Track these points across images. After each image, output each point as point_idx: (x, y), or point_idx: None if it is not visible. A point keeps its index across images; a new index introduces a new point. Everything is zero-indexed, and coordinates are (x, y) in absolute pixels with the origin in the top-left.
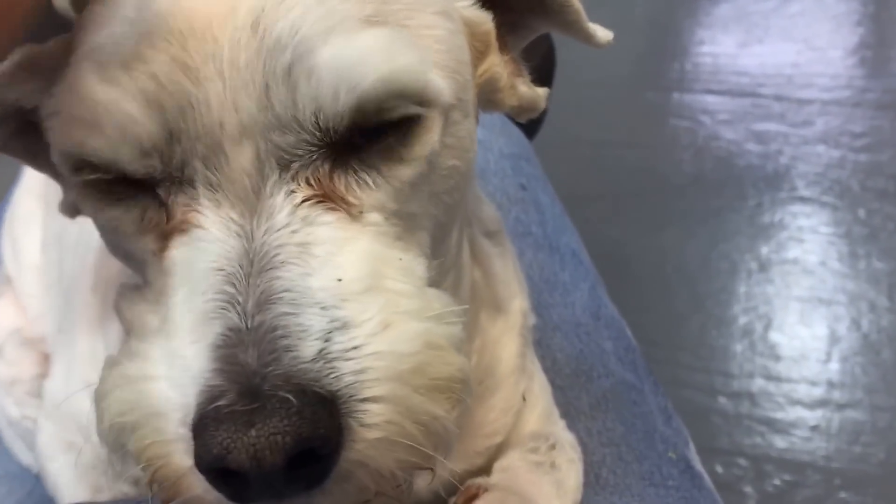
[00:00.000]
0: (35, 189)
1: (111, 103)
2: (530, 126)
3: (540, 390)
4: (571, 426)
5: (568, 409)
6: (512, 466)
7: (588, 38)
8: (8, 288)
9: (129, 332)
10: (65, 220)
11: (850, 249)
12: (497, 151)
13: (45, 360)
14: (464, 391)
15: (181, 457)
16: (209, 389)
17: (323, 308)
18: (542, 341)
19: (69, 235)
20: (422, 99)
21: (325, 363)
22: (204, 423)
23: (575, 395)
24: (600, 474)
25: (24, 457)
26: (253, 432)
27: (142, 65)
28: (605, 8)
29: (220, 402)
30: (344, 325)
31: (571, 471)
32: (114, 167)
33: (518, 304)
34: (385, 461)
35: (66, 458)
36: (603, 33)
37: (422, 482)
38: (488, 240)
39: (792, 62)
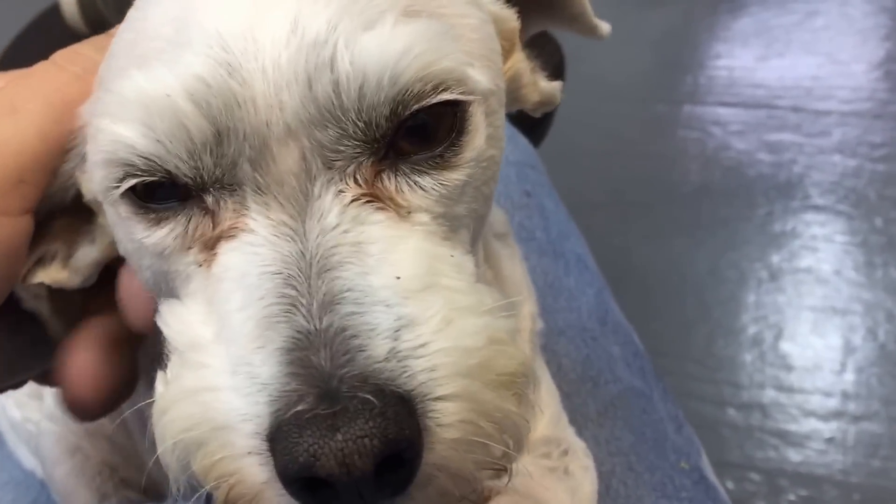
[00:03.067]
0: None
1: (161, 101)
2: (536, 134)
3: (548, 396)
4: (579, 434)
5: (574, 416)
6: (524, 471)
7: (591, 31)
8: None
9: (179, 345)
10: None
11: (866, 259)
12: (503, 159)
13: None
14: (526, 385)
15: (256, 470)
16: (286, 395)
17: (387, 306)
18: (548, 346)
19: None
20: (463, 88)
21: (397, 362)
22: (285, 431)
23: (581, 401)
24: (610, 485)
25: (28, 462)
26: (339, 436)
27: (186, 68)
28: (617, 25)
29: (300, 407)
30: (410, 323)
31: (586, 478)
32: (160, 169)
33: (527, 308)
34: (464, 462)
35: (72, 462)
36: (605, 25)
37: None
38: (498, 241)
39: (812, 75)
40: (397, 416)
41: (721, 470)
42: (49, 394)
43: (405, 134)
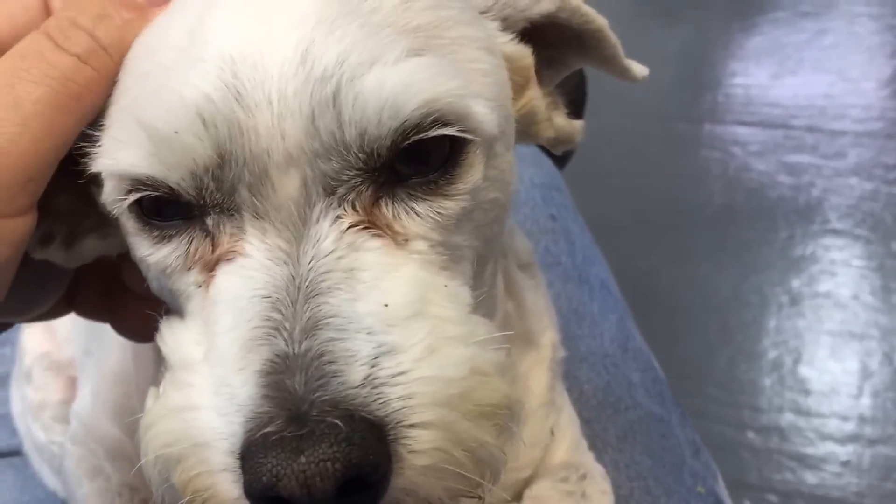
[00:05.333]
0: None
1: (167, 118)
2: (561, 157)
3: (568, 423)
4: (599, 459)
5: (594, 442)
6: (542, 495)
7: (623, 73)
8: None
9: (173, 363)
10: None
11: (882, 283)
12: (528, 182)
13: (72, 384)
14: (509, 418)
15: (228, 486)
16: (257, 416)
17: (370, 333)
18: (570, 373)
19: None
20: (464, 126)
21: (372, 388)
22: (252, 451)
23: (602, 427)
24: None
25: (51, 482)
26: (303, 459)
27: (196, 89)
28: (639, 40)
29: (268, 429)
30: (391, 350)
31: (603, 502)
32: (163, 185)
33: (548, 337)
34: (434, 489)
35: (92, 484)
36: (639, 68)
37: None
38: (522, 272)
39: (825, 93)
40: (364, 441)
41: (740, 491)
42: (74, 416)
43: (402, 157)
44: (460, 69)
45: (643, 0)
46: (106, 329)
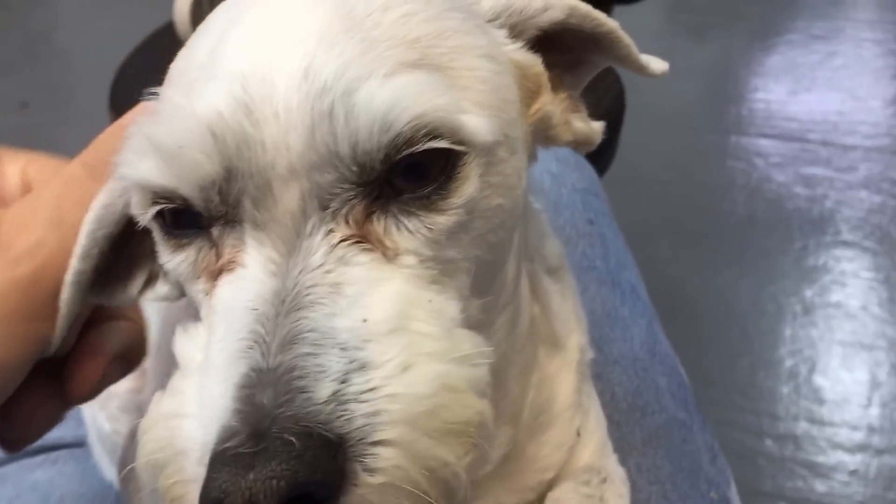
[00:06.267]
0: None
1: (177, 134)
2: (601, 163)
3: (595, 425)
4: (623, 462)
5: (621, 445)
6: (563, 498)
7: (642, 69)
8: None
9: (179, 368)
10: None
11: (889, 295)
12: (570, 186)
13: (143, 373)
14: (480, 435)
15: (195, 497)
16: (224, 430)
17: (343, 349)
18: (602, 375)
19: None
20: (456, 137)
21: (337, 405)
22: (212, 465)
23: (629, 430)
24: None
25: (108, 473)
26: (251, 476)
27: (208, 104)
28: (670, 56)
29: (228, 444)
30: (362, 367)
31: None
32: (178, 196)
33: (575, 340)
34: None
35: None
36: (657, 64)
37: None
38: (549, 276)
39: (837, 110)
40: (315, 458)
41: (753, 498)
42: (141, 411)
43: (400, 172)
44: (454, 80)
45: (674, 19)
46: (170, 326)
